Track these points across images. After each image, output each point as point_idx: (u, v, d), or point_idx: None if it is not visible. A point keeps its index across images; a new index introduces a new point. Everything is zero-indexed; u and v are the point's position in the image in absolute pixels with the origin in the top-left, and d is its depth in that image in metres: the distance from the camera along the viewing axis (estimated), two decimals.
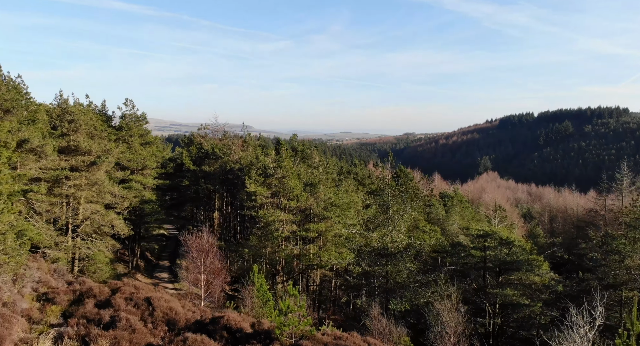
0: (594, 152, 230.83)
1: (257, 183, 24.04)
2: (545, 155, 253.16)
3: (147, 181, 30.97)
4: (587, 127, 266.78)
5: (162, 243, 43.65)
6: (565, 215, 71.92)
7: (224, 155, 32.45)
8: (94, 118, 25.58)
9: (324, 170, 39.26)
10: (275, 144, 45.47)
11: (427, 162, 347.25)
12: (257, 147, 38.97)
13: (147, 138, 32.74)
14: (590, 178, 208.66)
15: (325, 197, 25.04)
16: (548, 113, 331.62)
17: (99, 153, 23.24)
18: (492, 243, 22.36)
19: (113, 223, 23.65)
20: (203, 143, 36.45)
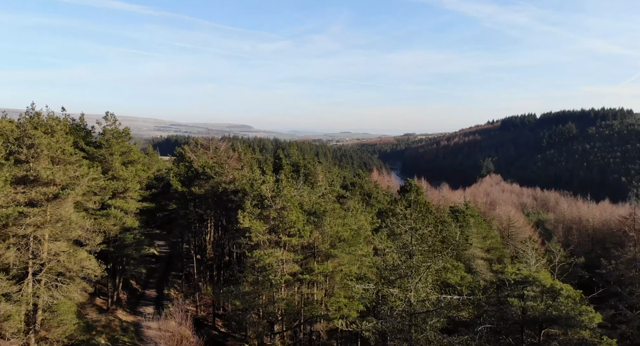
0: (599, 154, 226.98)
1: (252, 216, 20.41)
2: (548, 158, 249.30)
3: (129, 206, 27.36)
4: (590, 128, 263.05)
5: (150, 265, 40.04)
6: (579, 226, 68.36)
7: (215, 174, 28.82)
8: (63, 139, 21.92)
9: (329, 190, 35.58)
10: (275, 158, 41.80)
11: (428, 164, 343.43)
12: (253, 165, 35.34)
13: (129, 157, 29.10)
14: (595, 181, 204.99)
15: (332, 231, 21.48)
16: (551, 114, 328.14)
17: (65, 182, 19.66)
18: (532, 292, 18.81)
19: (83, 264, 20.06)
20: (194, 159, 32.80)
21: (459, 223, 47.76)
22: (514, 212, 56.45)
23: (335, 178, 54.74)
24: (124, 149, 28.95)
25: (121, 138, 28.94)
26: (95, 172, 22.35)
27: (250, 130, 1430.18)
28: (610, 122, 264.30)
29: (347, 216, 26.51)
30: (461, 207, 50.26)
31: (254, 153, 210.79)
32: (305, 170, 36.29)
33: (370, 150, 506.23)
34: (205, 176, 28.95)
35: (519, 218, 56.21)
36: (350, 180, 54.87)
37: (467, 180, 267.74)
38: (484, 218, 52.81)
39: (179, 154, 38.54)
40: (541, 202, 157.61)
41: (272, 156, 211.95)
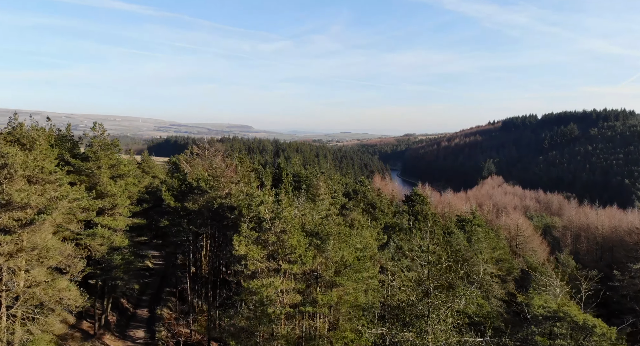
0: (601, 156, 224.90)
1: (249, 240, 18.51)
2: (550, 159, 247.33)
3: (118, 223, 25.48)
4: (593, 130, 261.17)
5: (144, 280, 38.11)
6: (588, 233, 66.44)
7: (210, 189, 26.90)
8: (42, 156, 20.02)
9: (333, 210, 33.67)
10: (275, 168, 39.87)
11: (429, 165, 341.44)
12: (251, 178, 33.37)
13: (119, 170, 27.18)
14: (598, 183, 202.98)
15: (336, 256, 19.58)
16: (552, 115, 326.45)
17: (42, 205, 17.77)
18: (562, 329, 16.95)
19: (62, 295, 18.16)
20: (188, 171, 30.86)
21: (466, 233, 45.87)
22: (522, 220, 54.55)
23: (337, 186, 52.82)
24: (113, 162, 27.02)
25: (110, 150, 27.00)
26: (78, 190, 20.43)
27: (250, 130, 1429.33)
28: (612, 123, 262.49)
29: (352, 234, 24.61)
30: (468, 216, 48.34)
31: (254, 154, 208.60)
32: (306, 181, 34.34)
33: (370, 150, 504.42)
34: (199, 190, 27.05)
35: (527, 227, 54.35)
36: (352, 188, 52.92)
37: (468, 181, 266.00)
38: (491, 227, 50.92)
39: (174, 164, 36.60)
40: (544, 205, 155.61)
41: (272, 156, 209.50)
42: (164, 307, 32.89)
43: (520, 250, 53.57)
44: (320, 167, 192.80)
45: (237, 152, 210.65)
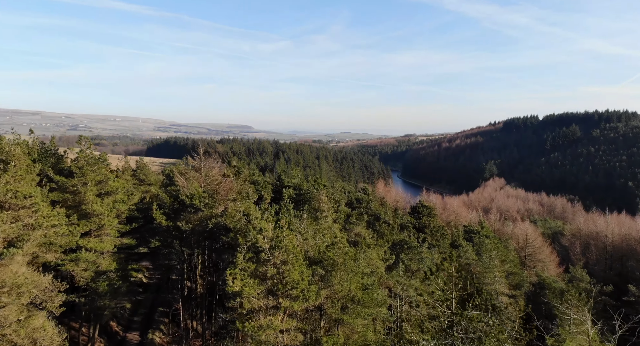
0: (604, 158, 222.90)
1: (245, 273, 16.57)
2: (552, 161, 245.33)
3: (104, 245, 23.54)
4: (595, 131, 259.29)
5: (136, 297, 36.14)
6: (597, 242, 64.46)
7: (205, 206, 24.97)
8: (18, 177, 18.06)
9: (335, 217, 31.79)
10: (276, 179, 37.92)
11: (429, 166, 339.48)
12: (249, 191, 31.33)
13: (106, 187, 25.21)
14: (601, 185, 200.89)
15: (343, 289, 17.63)
16: (554, 116, 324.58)
17: (13, 235, 15.86)
18: None
19: (35, 335, 16.19)
20: (182, 185, 28.85)
21: (474, 246, 43.90)
22: (531, 230, 52.58)
23: (339, 195, 50.84)
24: (100, 178, 25.03)
25: (97, 165, 25.02)
26: (56, 216, 18.47)
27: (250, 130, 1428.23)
28: (614, 125, 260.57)
29: (358, 257, 22.66)
30: (475, 227, 46.37)
31: (254, 156, 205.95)
32: (308, 194, 32.36)
33: (370, 151, 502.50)
34: (193, 208, 25.12)
35: (537, 237, 52.39)
36: (355, 196, 50.95)
37: (470, 183, 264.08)
38: (500, 238, 48.96)
39: (168, 176, 34.61)
40: (548, 208, 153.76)
41: (272, 158, 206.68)
42: (157, 330, 30.91)
43: (530, 261, 51.62)
44: (321, 169, 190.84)
45: (237, 156, 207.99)
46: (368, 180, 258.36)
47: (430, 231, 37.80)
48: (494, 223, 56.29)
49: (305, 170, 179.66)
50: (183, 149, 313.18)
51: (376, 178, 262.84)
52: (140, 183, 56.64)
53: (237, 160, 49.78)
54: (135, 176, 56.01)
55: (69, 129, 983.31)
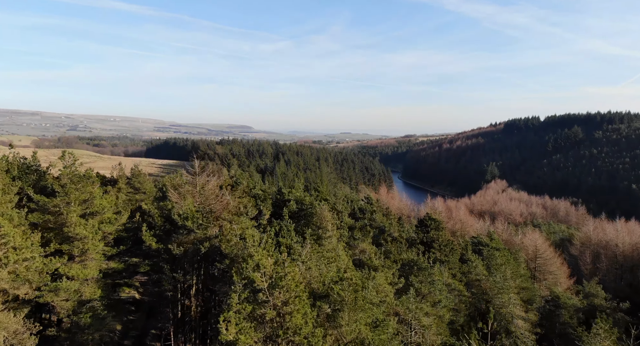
0: (607, 160, 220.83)
1: (240, 317, 14.57)
2: (555, 163, 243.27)
3: (88, 272, 21.56)
4: (597, 132, 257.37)
5: (128, 316, 34.14)
6: (607, 251, 62.45)
7: (198, 228, 22.96)
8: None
9: (339, 235, 29.80)
10: (277, 193, 35.85)
11: (430, 167, 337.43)
12: (248, 205, 29.28)
13: (92, 206, 23.18)
14: (604, 188, 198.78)
15: (353, 331, 15.62)
16: (555, 117, 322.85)
17: None
18: None
19: None
20: (175, 202, 26.79)
21: (484, 260, 41.88)
22: (541, 240, 50.56)
23: (342, 205, 48.84)
24: (85, 196, 23.00)
25: (82, 183, 23.00)
26: (31, 247, 16.46)
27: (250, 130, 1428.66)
28: (617, 126, 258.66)
29: (366, 285, 20.64)
30: (484, 239, 44.35)
31: (254, 158, 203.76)
32: (310, 209, 30.34)
33: (371, 152, 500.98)
34: (185, 230, 23.12)
35: (547, 248, 50.38)
36: (358, 206, 48.97)
37: (471, 184, 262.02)
38: (509, 249, 46.93)
39: (161, 190, 32.56)
40: (551, 211, 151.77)
41: (272, 159, 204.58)
42: None
43: (540, 272, 49.62)
44: (321, 171, 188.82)
45: (236, 158, 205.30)
46: (369, 182, 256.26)
47: (439, 246, 35.80)
48: (502, 232, 54.26)
49: (305, 172, 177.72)
50: (182, 150, 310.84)
51: (377, 180, 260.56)
52: (135, 192, 54.66)
53: (235, 170, 47.76)
54: (130, 184, 54.02)
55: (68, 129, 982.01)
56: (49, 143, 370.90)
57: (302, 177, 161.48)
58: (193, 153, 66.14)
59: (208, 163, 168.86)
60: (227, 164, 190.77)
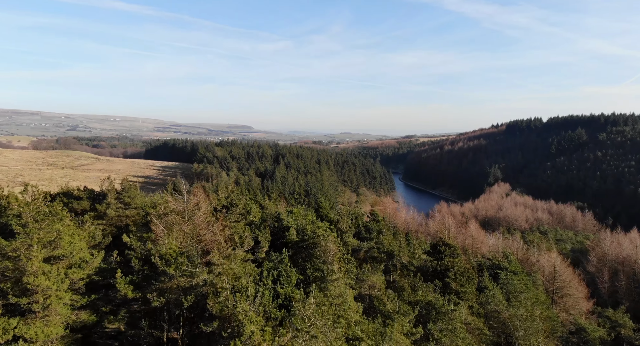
0: (612, 163, 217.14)
1: None
2: (558, 165, 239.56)
3: (52, 330, 18.23)
4: (601, 134, 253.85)
5: None
6: (626, 268, 59.11)
7: (182, 273, 19.56)
8: None
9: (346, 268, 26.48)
10: (275, 220, 32.47)
11: (432, 169, 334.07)
12: (244, 233, 25.83)
13: (60, 248, 19.81)
14: (610, 192, 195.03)
15: None
16: (558, 119, 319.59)
17: None
18: None
19: None
20: (158, 234, 23.43)
21: (503, 288, 38.50)
22: (560, 260, 47.16)
23: (346, 222, 45.49)
24: (51, 236, 19.61)
25: (48, 221, 19.61)
26: None
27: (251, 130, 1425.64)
28: (621, 128, 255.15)
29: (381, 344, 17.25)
30: (502, 262, 40.94)
31: (254, 162, 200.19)
32: (313, 240, 26.97)
33: (372, 153, 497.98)
34: (167, 276, 19.76)
35: (566, 269, 46.99)
36: (363, 223, 45.59)
37: (474, 187, 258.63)
38: (527, 272, 43.60)
39: (145, 216, 29.13)
40: (557, 217, 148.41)
41: (272, 162, 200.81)
42: None
43: (558, 296, 46.25)
44: (322, 175, 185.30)
45: (235, 161, 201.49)
46: (370, 185, 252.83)
47: (454, 275, 32.43)
48: (517, 250, 50.88)
49: (306, 176, 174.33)
50: (182, 152, 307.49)
51: (378, 183, 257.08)
52: (125, 207, 51.24)
53: (232, 189, 44.34)
54: (120, 199, 50.59)
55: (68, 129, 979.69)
56: (47, 144, 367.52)
57: (303, 181, 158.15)
58: (192, 153, 62.40)
59: (207, 166, 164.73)
60: (227, 167, 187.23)
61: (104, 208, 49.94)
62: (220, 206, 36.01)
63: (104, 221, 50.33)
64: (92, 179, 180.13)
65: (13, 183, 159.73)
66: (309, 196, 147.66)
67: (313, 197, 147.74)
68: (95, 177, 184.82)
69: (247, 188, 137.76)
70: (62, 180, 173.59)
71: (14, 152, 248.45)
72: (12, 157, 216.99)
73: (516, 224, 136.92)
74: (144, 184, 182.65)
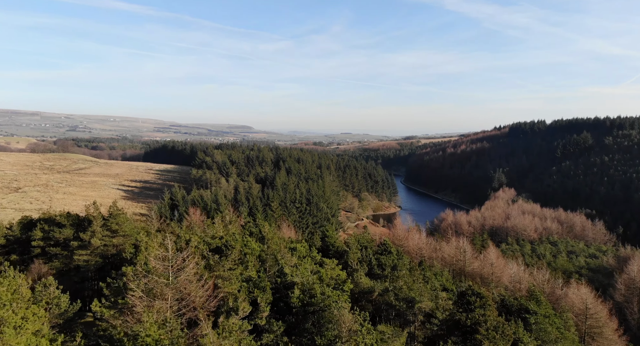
0: (620, 168, 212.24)
1: None
2: (564, 170, 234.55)
3: None
4: (607, 138, 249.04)
5: None
6: None
7: None
8: None
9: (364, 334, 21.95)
10: (277, 275, 27.88)
11: (434, 172, 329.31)
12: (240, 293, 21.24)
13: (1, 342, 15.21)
14: (618, 198, 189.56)
15: None
16: (562, 122, 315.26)
17: None
18: None
19: None
20: (136, 303, 18.90)
21: (532, 333, 33.96)
22: (592, 298, 42.66)
23: (355, 253, 41.00)
24: None
25: None
26: None
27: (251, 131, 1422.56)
28: (627, 132, 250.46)
29: None
30: (531, 305, 36.36)
31: (254, 167, 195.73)
32: (322, 303, 22.45)
33: (373, 155, 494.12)
34: None
35: (598, 305, 42.49)
36: (375, 256, 41.05)
37: (478, 192, 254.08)
38: (558, 313, 39.11)
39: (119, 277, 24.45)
40: (567, 226, 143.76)
41: (272, 168, 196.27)
42: None
43: (590, 336, 41.73)
44: (324, 181, 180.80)
45: (235, 166, 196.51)
46: (372, 189, 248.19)
47: (486, 331, 27.88)
48: (542, 283, 46.17)
49: (307, 182, 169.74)
50: (181, 154, 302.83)
51: (380, 187, 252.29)
52: (112, 235, 46.80)
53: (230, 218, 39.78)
54: (107, 226, 46.16)
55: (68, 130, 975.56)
56: (44, 147, 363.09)
57: (304, 189, 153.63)
58: (191, 156, 57.64)
59: (206, 172, 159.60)
60: (226, 173, 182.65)
61: (89, 237, 45.42)
62: (214, 246, 31.52)
63: (87, 251, 45.83)
64: (89, 184, 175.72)
65: (7, 189, 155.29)
66: (311, 204, 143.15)
67: (315, 205, 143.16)
68: (93, 182, 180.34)
69: (247, 196, 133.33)
70: (58, 185, 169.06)
71: (11, 155, 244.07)
72: (9, 161, 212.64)
73: (525, 234, 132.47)
74: (142, 189, 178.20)
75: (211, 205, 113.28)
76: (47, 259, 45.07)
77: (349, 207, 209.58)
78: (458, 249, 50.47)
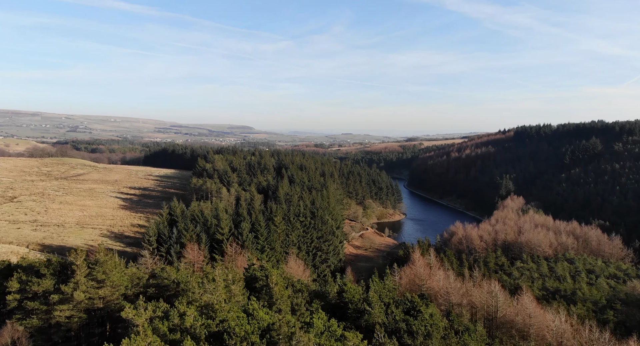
0: (632, 176, 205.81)
1: None
2: (574, 178, 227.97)
3: None
4: (617, 144, 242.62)
5: None
6: None
7: None
8: None
9: None
10: None
11: (438, 177, 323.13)
12: None
13: None
14: (632, 209, 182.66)
15: None
16: (569, 126, 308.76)
17: None
18: None
19: None
20: None
21: None
22: None
23: (379, 313, 35.35)
24: None
25: None
26: None
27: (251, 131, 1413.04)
28: (638, 138, 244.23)
29: None
30: None
31: (255, 176, 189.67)
32: None
33: (375, 158, 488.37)
34: None
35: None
36: (404, 320, 35.35)
37: (484, 198, 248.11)
38: None
39: None
40: (583, 241, 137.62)
41: (274, 175, 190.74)
42: None
43: None
44: (328, 190, 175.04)
45: (236, 174, 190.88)
46: (376, 196, 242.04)
47: None
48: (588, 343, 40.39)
49: (310, 192, 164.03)
50: (181, 158, 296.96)
51: (384, 194, 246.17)
52: (97, 286, 41.13)
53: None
54: (91, 276, 40.50)
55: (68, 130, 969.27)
56: (43, 151, 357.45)
57: (308, 200, 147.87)
58: (191, 160, 52.22)
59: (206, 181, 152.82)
60: (227, 182, 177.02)
61: (71, 290, 39.70)
62: (213, 327, 25.86)
63: (70, 305, 40.16)
64: (87, 192, 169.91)
65: (2, 199, 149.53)
66: (315, 218, 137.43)
67: (319, 218, 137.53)
68: (91, 190, 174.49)
69: (249, 210, 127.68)
70: (55, 193, 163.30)
71: (8, 160, 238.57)
72: (6, 167, 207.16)
73: (539, 250, 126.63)
74: (141, 197, 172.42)
75: (211, 221, 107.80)
76: (23, 314, 39.44)
77: (353, 216, 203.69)
78: (489, 293, 44.71)
